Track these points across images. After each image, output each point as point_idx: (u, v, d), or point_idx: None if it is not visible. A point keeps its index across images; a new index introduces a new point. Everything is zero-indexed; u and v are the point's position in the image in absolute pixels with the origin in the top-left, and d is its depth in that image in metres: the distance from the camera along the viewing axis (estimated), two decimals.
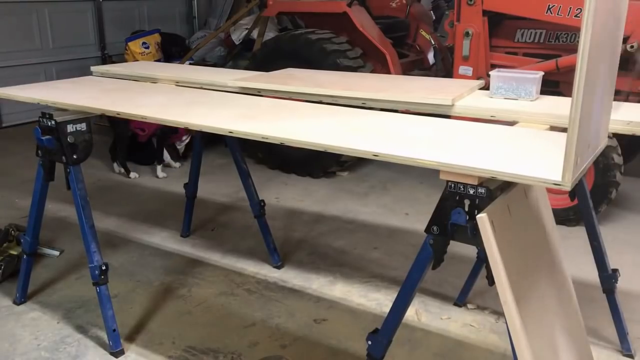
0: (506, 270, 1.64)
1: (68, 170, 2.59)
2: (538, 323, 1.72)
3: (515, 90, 2.42)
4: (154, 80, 3.07)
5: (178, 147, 5.44)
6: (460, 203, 1.72)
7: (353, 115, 2.22)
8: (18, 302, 2.99)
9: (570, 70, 3.71)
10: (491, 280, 1.77)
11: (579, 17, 3.73)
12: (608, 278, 2.55)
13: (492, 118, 2.29)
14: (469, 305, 3.00)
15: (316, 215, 4.21)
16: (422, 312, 2.94)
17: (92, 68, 3.39)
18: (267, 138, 1.96)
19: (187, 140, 5.35)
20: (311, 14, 5.17)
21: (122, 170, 5.13)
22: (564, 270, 2.03)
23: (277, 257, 3.44)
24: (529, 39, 4.20)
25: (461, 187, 1.71)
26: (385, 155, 1.75)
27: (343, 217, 4.15)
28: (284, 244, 3.71)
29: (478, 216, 1.62)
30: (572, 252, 3.57)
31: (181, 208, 3.82)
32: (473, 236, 1.72)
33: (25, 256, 2.93)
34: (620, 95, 3.72)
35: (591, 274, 2.63)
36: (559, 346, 1.83)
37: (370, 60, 4.85)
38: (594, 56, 1.38)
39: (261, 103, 2.49)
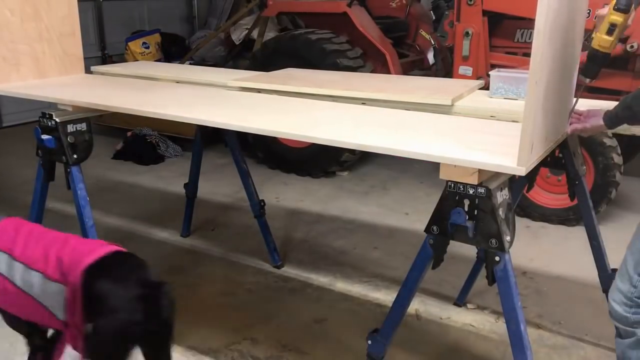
0: None
1: (68, 170, 2.59)
2: None
3: (515, 90, 2.42)
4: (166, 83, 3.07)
5: None
6: (460, 203, 1.72)
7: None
8: None
9: None
10: (491, 280, 1.78)
11: None
12: (608, 278, 2.54)
13: (492, 118, 2.29)
14: (469, 305, 3.00)
15: (316, 215, 4.21)
16: (422, 312, 2.94)
17: (93, 68, 3.39)
18: None
19: None
20: (311, 14, 5.17)
21: None
22: None
23: (277, 257, 3.44)
24: (529, 39, 4.20)
25: (461, 187, 1.71)
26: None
27: (343, 217, 4.15)
28: (284, 244, 3.70)
29: None
30: (572, 252, 3.58)
31: (181, 208, 3.82)
32: (473, 236, 1.72)
33: None
34: (621, 95, 3.72)
35: (591, 274, 2.62)
36: None
37: (370, 60, 4.85)
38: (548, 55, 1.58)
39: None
